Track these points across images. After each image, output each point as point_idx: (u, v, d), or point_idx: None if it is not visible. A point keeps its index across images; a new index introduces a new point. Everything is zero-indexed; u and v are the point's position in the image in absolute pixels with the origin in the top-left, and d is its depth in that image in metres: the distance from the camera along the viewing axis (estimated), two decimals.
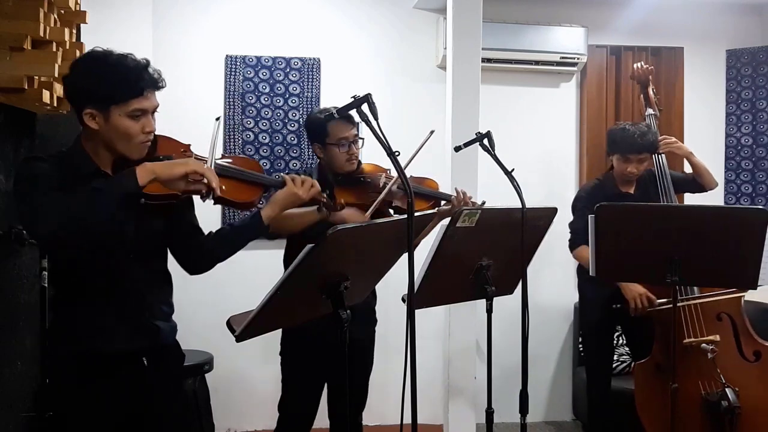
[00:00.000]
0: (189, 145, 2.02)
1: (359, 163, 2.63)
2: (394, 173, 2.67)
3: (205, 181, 1.72)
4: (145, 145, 1.80)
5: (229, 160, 2.07)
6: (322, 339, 2.42)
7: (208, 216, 2.18)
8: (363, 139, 2.57)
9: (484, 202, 2.68)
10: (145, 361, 1.87)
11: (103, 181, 1.68)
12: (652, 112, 3.38)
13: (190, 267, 2.02)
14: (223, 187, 1.80)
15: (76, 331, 1.81)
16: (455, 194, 2.66)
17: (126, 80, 1.72)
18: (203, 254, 1.99)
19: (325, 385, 2.66)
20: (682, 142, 3.51)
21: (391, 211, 2.63)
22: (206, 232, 2.03)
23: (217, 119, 2.01)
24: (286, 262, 2.59)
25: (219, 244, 1.99)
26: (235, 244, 2.02)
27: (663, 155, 3.25)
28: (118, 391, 1.82)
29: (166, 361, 1.96)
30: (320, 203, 2.21)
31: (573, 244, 3.29)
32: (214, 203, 1.89)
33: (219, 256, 2.01)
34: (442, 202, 2.71)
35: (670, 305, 2.54)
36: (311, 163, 3.86)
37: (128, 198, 1.66)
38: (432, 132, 2.64)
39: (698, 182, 3.33)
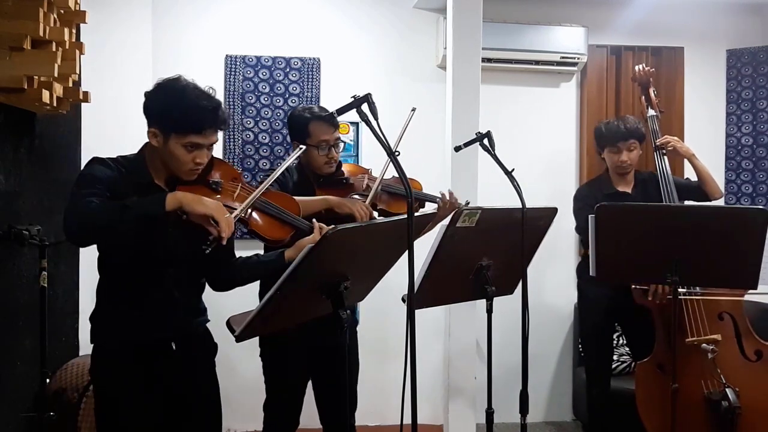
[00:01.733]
0: (241, 172, 2.13)
1: (340, 164, 2.62)
2: (374, 173, 2.66)
3: (217, 228, 1.84)
4: (193, 171, 1.99)
5: (269, 200, 2.20)
6: (299, 339, 2.43)
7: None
8: (344, 142, 2.57)
9: (467, 202, 2.62)
10: (174, 346, 2.05)
11: (136, 200, 1.83)
12: (654, 114, 3.39)
13: (215, 284, 2.22)
14: (230, 235, 1.92)
15: (114, 323, 2.02)
16: (441, 196, 2.62)
17: (190, 117, 1.91)
18: (231, 276, 2.19)
19: (316, 389, 2.66)
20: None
21: (375, 213, 2.58)
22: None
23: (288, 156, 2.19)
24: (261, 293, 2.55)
25: (244, 270, 2.20)
26: (257, 274, 2.26)
27: (665, 156, 3.24)
28: (152, 374, 2.00)
29: (195, 347, 2.13)
30: None
31: (585, 244, 3.32)
32: (248, 234, 2.11)
33: (242, 280, 2.22)
34: (427, 204, 2.69)
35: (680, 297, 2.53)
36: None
37: (152, 218, 1.81)
38: (413, 110, 2.65)
39: (703, 190, 3.27)
